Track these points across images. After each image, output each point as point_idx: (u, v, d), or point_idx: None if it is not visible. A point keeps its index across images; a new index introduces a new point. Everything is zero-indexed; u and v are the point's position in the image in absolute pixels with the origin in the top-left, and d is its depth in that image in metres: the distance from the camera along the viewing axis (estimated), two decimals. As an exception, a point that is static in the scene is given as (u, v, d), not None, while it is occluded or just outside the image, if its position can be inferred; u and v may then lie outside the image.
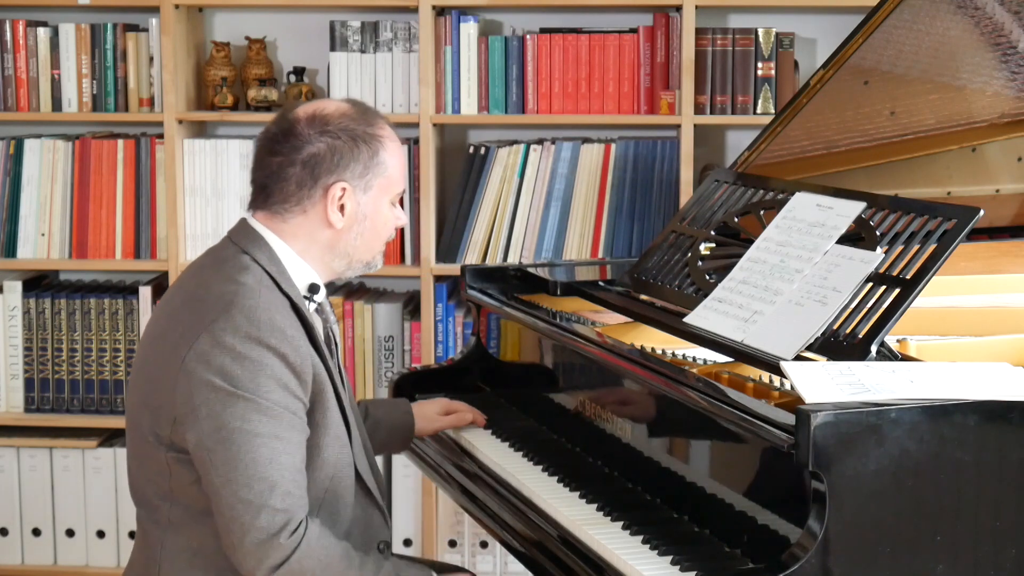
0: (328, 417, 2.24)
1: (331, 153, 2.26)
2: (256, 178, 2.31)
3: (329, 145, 2.26)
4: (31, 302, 3.97)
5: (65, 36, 3.94)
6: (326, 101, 2.34)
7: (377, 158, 2.30)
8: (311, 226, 2.29)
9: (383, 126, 2.33)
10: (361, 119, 2.30)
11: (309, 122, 2.27)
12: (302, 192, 2.27)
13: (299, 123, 2.28)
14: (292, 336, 2.17)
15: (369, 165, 2.29)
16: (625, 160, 3.87)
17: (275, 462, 2.12)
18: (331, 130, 2.27)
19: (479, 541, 3.98)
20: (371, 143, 2.29)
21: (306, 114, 2.29)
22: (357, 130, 2.29)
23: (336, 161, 2.27)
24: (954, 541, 1.98)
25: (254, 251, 2.26)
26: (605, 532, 2.24)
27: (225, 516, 2.13)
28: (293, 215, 2.28)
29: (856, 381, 2.04)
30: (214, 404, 2.12)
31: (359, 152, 2.28)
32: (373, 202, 2.31)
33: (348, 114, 2.30)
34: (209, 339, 2.14)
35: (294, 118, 2.29)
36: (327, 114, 2.29)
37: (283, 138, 2.28)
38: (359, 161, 2.28)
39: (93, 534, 4.03)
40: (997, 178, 3.15)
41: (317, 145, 2.26)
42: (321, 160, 2.26)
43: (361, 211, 2.30)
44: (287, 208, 2.28)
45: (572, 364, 2.70)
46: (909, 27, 2.81)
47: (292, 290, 2.26)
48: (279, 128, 2.29)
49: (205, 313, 2.17)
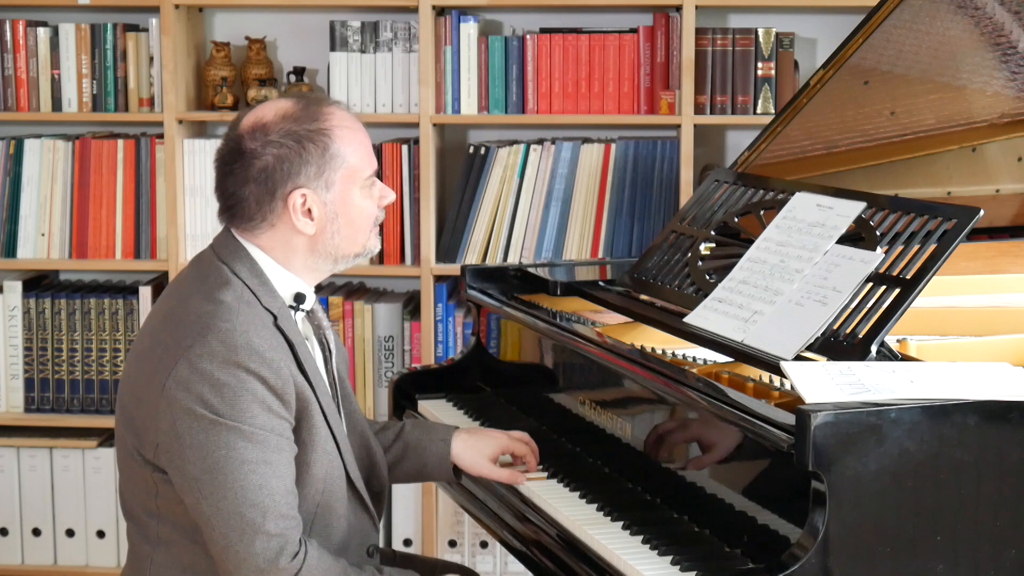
0: (315, 433, 2.21)
1: (279, 163, 2.18)
2: (218, 199, 2.26)
3: (275, 155, 2.18)
4: (31, 302, 3.97)
5: (65, 36, 3.94)
6: (267, 105, 2.25)
7: (328, 152, 2.21)
8: (284, 237, 2.23)
9: (329, 116, 2.23)
10: (303, 116, 2.21)
11: (251, 135, 2.19)
12: (263, 208, 2.21)
13: (243, 138, 2.20)
14: (271, 358, 2.13)
15: (322, 163, 2.20)
16: (625, 160, 3.87)
17: (265, 487, 2.09)
18: (273, 138, 2.19)
19: (479, 541, 3.98)
20: (318, 139, 2.20)
21: (248, 127, 2.21)
22: (299, 131, 2.19)
23: (286, 169, 2.19)
24: (954, 541, 1.98)
25: (235, 264, 2.22)
26: (605, 532, 2.24)
27: (219, 545, 2.10)
28: (263, 230, 2.23)
29: (856, 381, 2.04)
30: (197, 433, 2.09)
31: (307, 153, 2.19)
32: (340, 197, 2.23)
33: (288, 115, 2.21)
34: (187, 366, 2.10)
35: (238, 134, 2.21)
36: (266, 122, 2.20)
37: (232, 157, 2.21)
38: (310, 162, 2.20)
39: (93, 534, 4.04)
40: (997, 178, 3.15)
41: (264, 159, 2.18)
42: (272, 172, 2.19)
43: (330, 210, 2.23)
44: (255, 225, 2.23)
45: (572, 364, 2.70)
46: (909, 27, 2.81)
47: (275, 304, 2.21)
48: (228, 147, 2.23)
49: (183, 337, 2.13)
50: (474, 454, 2.51)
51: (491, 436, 2.55)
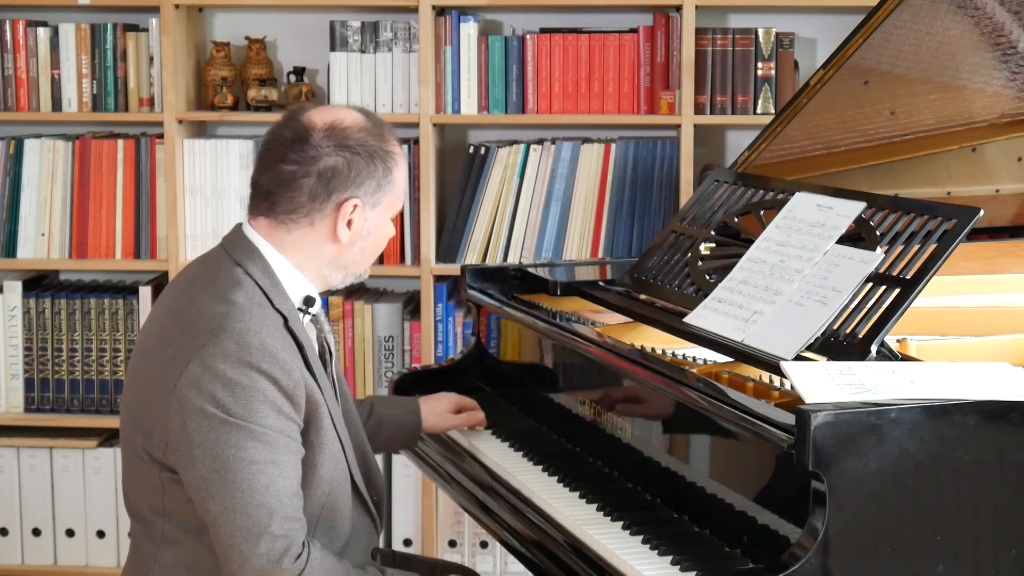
0: (322, 435, 2.21)
1: (349, 168, 2.21)
2: (262, 183, 2.24)
3: (347, 160, 2.21)
4: (31, 302, 3.97)
5: (65, 36, 3.94)
6: (341, 110, 2.27)
7: (391, 176, 2.26)
8: (315, 239, 2.25)
9: (395, 143, 2.29)
10: (377, 134, 2.26)
11: (327, 133, 2.21)
12: (313, 204, 2.22)
13: (316, 132, 2.21)
14: (283, 359, 2.13)
15: (382, 183, 2.26)
16: (625, 160, 3.87)
17: (272, 488, 2.10)
18: (350, 144, 2.22)
19: (479, 541, 3.98)
20: (386, 161, 2.26)
21: (324, 123, 2.22)
22: (374, 146, 2.24)
23: (353, 177, 2.22)
24: (954, 541, 1.98)
25: (247, 264, 2.22)
26: (605, 532, 2.24)
27: (224, 544, 2.10)
28: (299, 226, 2.23)
29: (856, 381, 2.04)
30: (208, 432, 2.09)
31: (375, 169, 2.24)
32: (378, 219, 2.28)
33: (366, 128, 2.25)
34: (199, 365, 2.10)
35: (310, 125, 2.22)
36: (346, 127, 2.23)
37: (298, 146, 2.21)
38: (374, 178, 2.24)
39: (93, 534, 4.04)
40: (997, 178, 3.15)
41: (335, 158, 2.21)
42: (338, 174, 2.21)
43: (367, 227, 2.27)
44: (294, 219, 2.23)
45: (572, 364, 2.70)
46: (909, 27, 2.81)
47: (285, 305, 2.22)
48: (293, 134, 2.22)
49: (195, 336, 2.13)
50: (439, 414, 2.77)
51: (442, 396, 2.82)
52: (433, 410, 2.77)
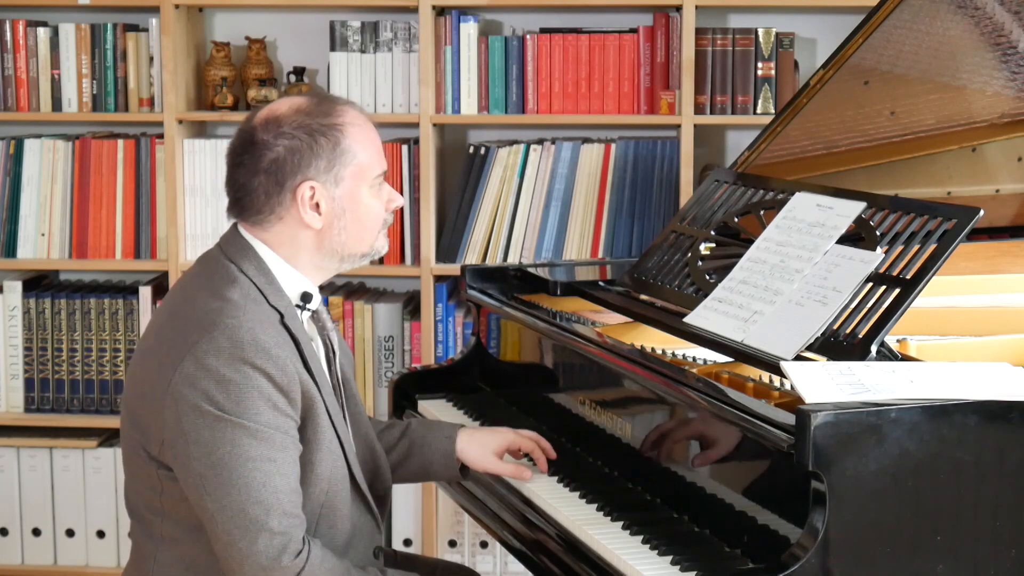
0: (320, 432, 2.21)
1: (290, 154, 2.20)
2: (228, 191, 2.27)
3: (287, 147, 2.20)
4: (31, 302, 3.97)
5: (65, 36, 3.94)
6: (281, 101, 2.27)
7: (339, 147, 2.23)
8: (291, 231, 2.24)
9: (342, 113, 2.26)
10: (317, 111, 2.23)
11: (264, 127, 2.22)
12: (272, 200, 2.22)
13: (256, 130, 2.22)
14: (277, 355, 2.13)
15: (332, 157, 2.22)
16: (625, 160, 3.87)
17: (269, 485, 2.10)
18: (285, 131, 2.21)
19: (479, 541, 3.98)
20: (330, 134, 2.22)
21: (261, 119, 2.23)
22: (312, 124, 2.22)
23: (297, 161, 2.21)
24: (954, 541, 1.98)
25: (242, 262, 2.23)
26: (605, 532, 2.24)
27: (222, 542, 2.10)
28: (271, 223, 2.24)
29: (856, 381, 2.04)
30: (203, 430, 2.09)
31: (319, 147, 2.21)
32: (349, 193, 2.25)
33: (302, 109, 2.23)
34: (193, 362, 2.11)
35: (252, 126, 2.24)
36: (280, 115, 2.23)
37: (244, 149, 2.23)
38: (321, 156, 2.22)
39: (93, 534, 4.04)
40: (997, 178, 3.15)
41: (275, 149, 2.20)
42: (282, 163, 2.20)
43: (338, 205, 2.24)
44: (264, 218, 2.24)
45: (572, 364, 2.70)
46: (909, 27, 2.81)
47: (282, 302, 2.22)
48: (240, 139, 2.25)
49: (189, 333, 2.13)
50: (479, 448, 2.52)
51: (497, 432, 2.57)
52: (476, 442, 2.53)
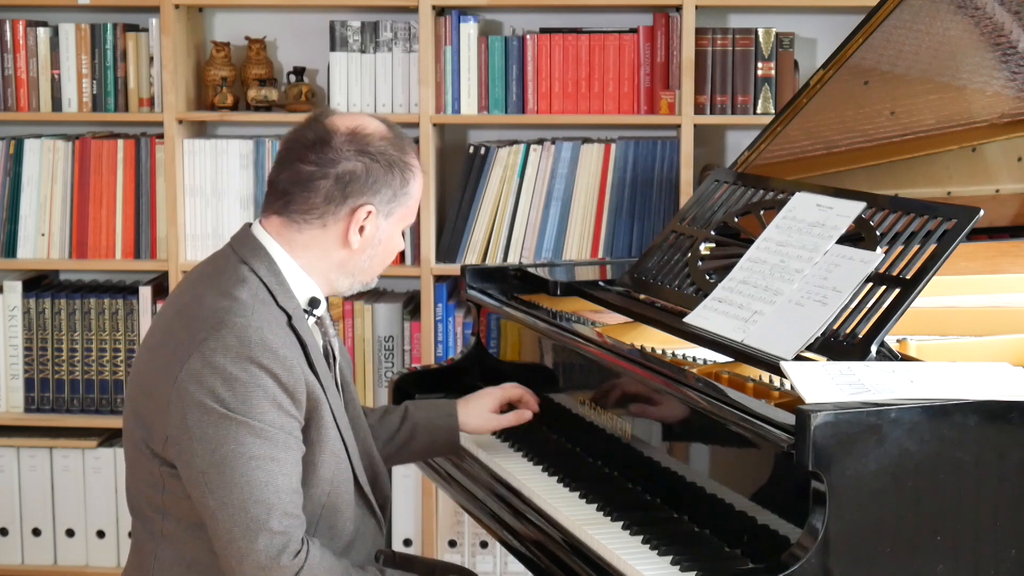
0: (324, 434, 2.22)
1: (367, 174, 2.24)
2: (279, 181, 2.26)
3: (367, 166, 2.24)
4: (31, 302, 3.97)
5: (65, 36, 3.94)
6: (365, 118, 2.30)
7: (407, 188, 2.29)
8: (326, 242, 2.26)
9: (414, 156, 2.32)
10: (398, 145, 2.28)
11: (349, 138, 2.24)
12: (328, 207, 2.24)
13: (338, 136, 2.24)
14: (284, 355, 2.14)
15: (398, 193, 2.28)
16: (625, 160, 3.87)
17: (271, 484, 2.10)
18: (371, 151, 2.24)
19: (479, 541, 3.98)
20: (404, 172, 2.28)
21: (346, 128, 2.25)
22: (394, 156, 2.27)
23: (370, 183, 2.24)
24: (954, 541, 1.98)
25: (253, 262, 2.23)
26: (605, 532, 2.24)
27: (222, 540, 2.11)
28: (311, 227, 2.25)
29: (856, 381, 2.04)
30: (207, 427, 2.10)
31: (392, 178, 2.26)
32: (390, 229, 2.31)
33: (387, 138, 2.27)
34: (200, 359, 2.11)
35: (333, 129, 2.25)
36: (368, 133, 2.26)
37: (318, 147, 2.23)
38: (391, 187, 2.26)
39: (93, 534, 4.04)
40: (997, 178, 3.15)
41: (354, 163, 2.23)
42: (356, 179, 2.23)
43: (378, 236, 2.29)
44: (307, 219, 2.25)
45: (572, 364, 2.70)
46: (909, 27, 2.81)
47: (290, 303, 2.23)
48: (315, 136, 2.24)
49: (197, 330, 2.14)
50: (479, 413, 2.65)
51: (485, 393, 2.70)
52: (473, 411, 2.66)
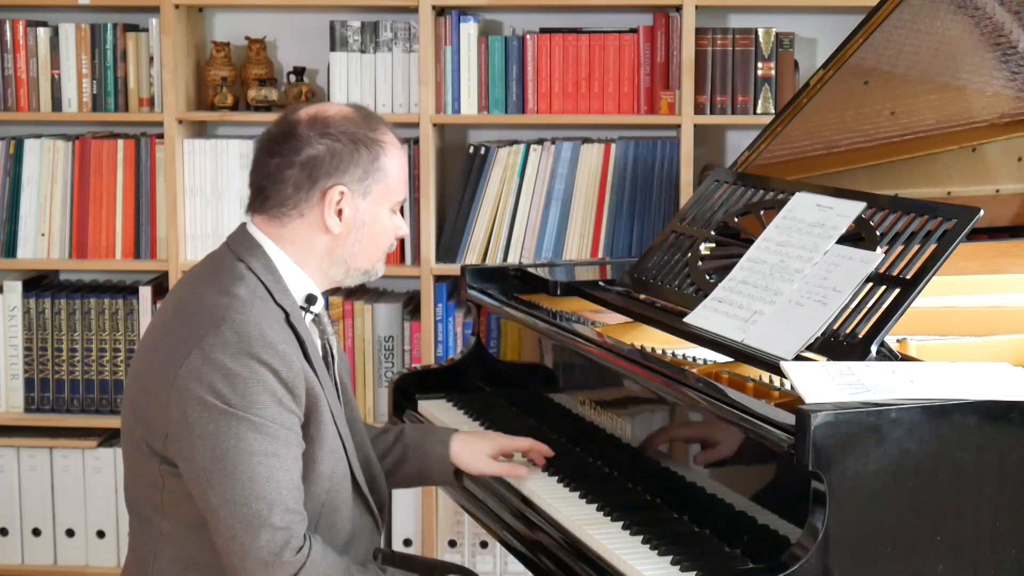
0: (323, 430, 2.22)
1: (330, 155, 2.23)
2: (254, 180, 2.28)
3: (328, 147, 2.23)
4: (31, 302, 3.97)
5: (65, 36, 3.94)
6: (329, 104, 2.31)
7: (377, 163, 2.27)
8: (308, 231, 2.26)
9: (385, 131, 2.30)
10: (363, 123, 2.27)
11: (310, 123, 2.25)
12: (299, 195, 2.24)
13: (299, 124, 2.25)
14: (284, 351, 2.14)
15: (369, 170, 2.26)
16: (625, 160, 3.87)
17: (272, 480, 2.10)
18: (331, 132, 2.24)
19: (479, 541, 3.98)
20: (372, 147, 2.26)
21: (307, 116, 2.26)
22: (358, 133, 2.25)
23: (335, 164, 2.23)
24: (954, 541, 1.98)
25: (250, 260, 2.24)
26: (605, 532, 2.24)
27: (224, 537, 2.11)
28: (291, 219, 2.26)
29: (856, 381, 2.04)
30: (207, 423, 2.10)
31: (359, 156, 2.25)
32: (372, 208, 2.28)
33: (350, 117, 2.27)
34: (200, 355, 2.11)
35: (295, 119, 2.26)
36: (328, 116, 2.26)
37: (283, 139, 2.25)
38: (359, 165, 2.25)
39: (93, 534, 4.04)
40: (997, 178, 3.15)
41: (316, 147, 2.23)
42: (320, 162, 2.23)
43: (360, 217, 2.27)
44: (284, 212, 2.25)
45: (572, 364, 2.70)
46: (909, 27, 2.81)
47: (287, 301, 2.23)
48: (279, 129, 2.26)
49: (196, 327, 2.14)
50: (472, 451, 2.54)
51: (490, 436, 2.60)
52: (469, 447, 2.55)
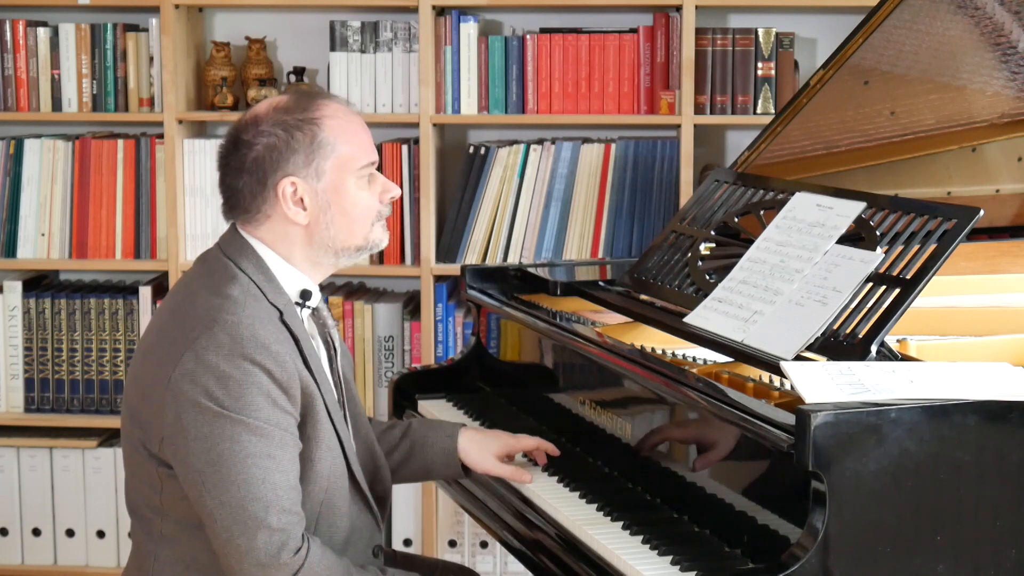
0: (319, 429, 2.21)
1: (268, 151, 2.22)
2: (221, 192, 2.30)
3: (265, 144, 2.22)
4: (31, 302, 3.97)
5: (65, 36, 3.94)
6: (265, 101, 2.30)
7: (316, 141, 2.23)
8: (281, 228, 2.26)
9: (320, 107, 2.26)
10: (295, 107, 2.25)
11: (246, 127, 2.25)
12: (257, 199, 2.24)
13: (239, 131, 2.26)
14: (277, 351, 2.14)
15: (311, 151, 2.23)
16: (625, 160, 3.87)
17: (268, 481, 2.10)
18: (264, 128, 2.23)
19: (479, 541, 3.98)
20: (306, 128, 2.23)
21: (244, 120, 2.27)
22: (289, 120, 2.23)
23: (275, 158, 2.22)
24: (954, 541, 1.98)
25: (241, 260, 2.24)
26: (605, 532, 2.24)
27: (221, 539, 2.11)
28: (261, 222, 2.26)
29: (856, 381, 2.04)
30: (202, 426, 2.10)
31: (295, 142, 2.22)
32: (333, 186, 2.25)
33: (280, 106, 2.25)
34: (193, 358, 2.11)
35: (236, 127, 2.27)
36: (258, 114, 2.25)
37: (232, 150, 2.26)
38: (298, 151, 2.23)
39: (93, 534, 4.04)
40: (997, 178, 3.15)
41: (255, 148, 2.23)
42: (262, 161, 2.22)
43: (322, 199, 2.25)
44: (253, 217, 2.26)
45: (572, 364, 2.70)
46: (909, 27, 2.81)
47: (281, 299, 2.23)
48: (228, 141, 2.28)
49: (189, 329, 2.14)
50: (480, 450, 2.53)
51: (497, 435, 2.58)
52: (477, 444, 2.54)
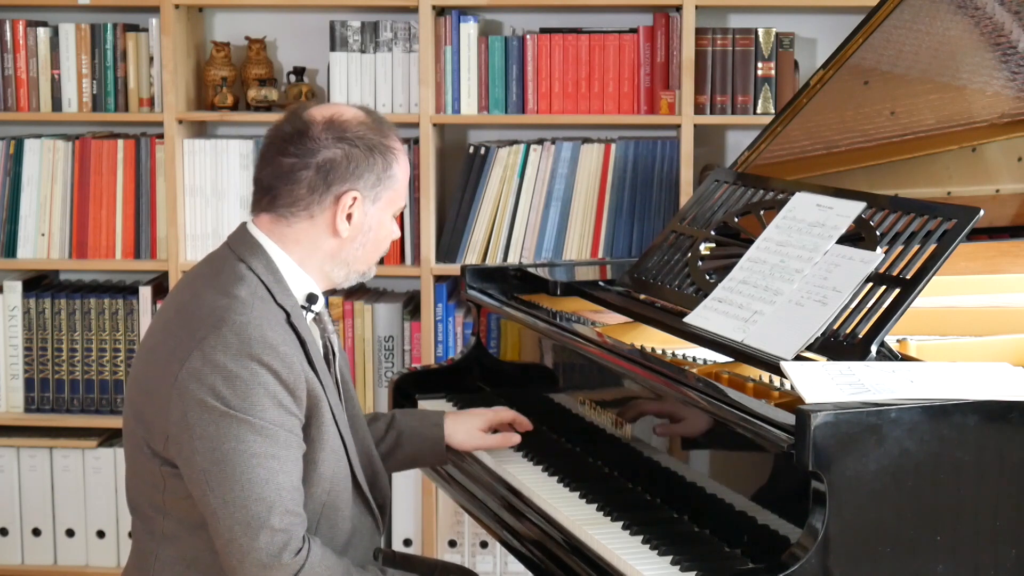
0: (324, 431, 2.22)
1: (347, 160, 2.24)
2: (263, 177, 2.27)
3: (346, 152, 2.23)
4: (31, 302, 3.97)
5: (65, 36, 3.94)
6: (341, 106, 2.30)
7: (390, 171, 2.28)
8: (316, 233, 2.26)
9: (396, 139, 2.31)
10: (377, 129, 2.28)
11: (326, 126, 2.24)
12: (312, 197, 2.24)
13: (315, 126, 2.24)
14: (284, 352, 2.14)
15: (382, 177, 2.27)
16: (625, 160, 3.87)
17: (272, 482, 2.10)
18: (349, 137, 2.24)
19: (479, 541, 3.98)
20: (386, 155, 2.27)
21: (323, 117, 2.25)
22: (373, 140, 2.26)
23: (351, 169, 2.24)
24: (954, 541, 1.98)
25: (251, 260, 2.24)
26: (605, 532, 2.24)
27: (224, 538, 2.11)
28: (299, 220, 2.25)
29: (856, 381, 2.04)
30: (207, 425, 2.10)
31: (374, 162, 2.26)
32: (379, 214, 2.30)
33: (365, 122, 2.27)
34: (200, 357, 2.11)
35: (310, 119, 2.25)
36: (345, 120, 2.26)
37: (297, 139, 2.24)
38: (373, 172, 2.26)
39: (93, 534, 4.04)
40: (997, 178, 3.16)
41: (333, 151, 2.23)
42: (336, 166, 2.23)
43: (367, 222, 2.28)
44: (294, 212, 2.25)
45: (572, 364, 2.70)
46: (909, 27, 2.81)
47: (288, 301, 2.23)
48: (293, 128, 2.25)
49: (196, 329, 2.14)
50: (467, 430, 2.63)
51: (476, 412, 2.69)
52: (461, 426, 2.64)
